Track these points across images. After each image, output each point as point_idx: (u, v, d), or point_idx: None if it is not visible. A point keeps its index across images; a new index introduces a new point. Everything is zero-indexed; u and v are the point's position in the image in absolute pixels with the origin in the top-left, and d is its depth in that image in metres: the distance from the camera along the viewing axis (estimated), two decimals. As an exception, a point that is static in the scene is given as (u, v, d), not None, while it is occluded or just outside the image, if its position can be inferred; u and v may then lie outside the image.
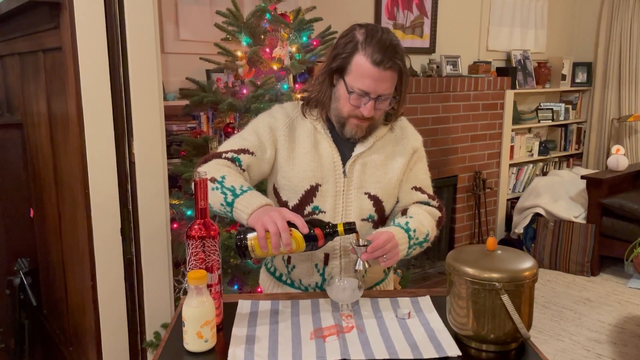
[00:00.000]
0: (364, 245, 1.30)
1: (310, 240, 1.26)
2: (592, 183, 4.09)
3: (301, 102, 1.49)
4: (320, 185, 1.44)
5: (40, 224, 2.77)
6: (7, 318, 2.79)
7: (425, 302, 1.36)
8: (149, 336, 2.17)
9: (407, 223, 1.41)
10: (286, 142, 1.45)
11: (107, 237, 2.05)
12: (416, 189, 1.52)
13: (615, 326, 3.30)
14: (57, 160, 2.34)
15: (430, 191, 1.56)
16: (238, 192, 1.31)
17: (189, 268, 1.19)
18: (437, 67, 3.99)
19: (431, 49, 4.05)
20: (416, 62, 3.92)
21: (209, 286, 1.18)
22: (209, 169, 1.36)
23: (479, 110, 4.12)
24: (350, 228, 1.28)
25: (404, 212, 1.49)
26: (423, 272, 3.97)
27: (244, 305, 1.33)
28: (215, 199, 1.33)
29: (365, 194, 1.46)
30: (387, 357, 1.10)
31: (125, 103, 2.01)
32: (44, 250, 2.76)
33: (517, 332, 1.11)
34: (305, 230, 1.24)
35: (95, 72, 1.94)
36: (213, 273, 1.19)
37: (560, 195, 4.33)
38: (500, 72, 4.37)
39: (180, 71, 2.81)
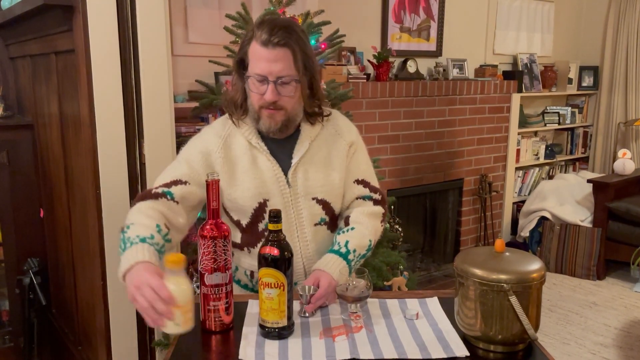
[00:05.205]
0: (307, 294, 1.29)
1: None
2: (598, 187, 4.09)
3: (228, 114, 1.46)
4: (268, 201, 1.42)
5: (50, 224, 2.80)
6: (17, 317, 2.82)
7: (433, 303, 1.37)
8: (158, 335, 2.19)
9: (347, 244, 1.41)
10: (224, 164, 1.42)
11: (117, 237, 2.06)
12: (358, 182, 1.52)
13: (622, 330, 3.30)
14: (67, 161, 2.37)
15: (374, 181, 1.55)
16: (127, 245, 1.23)
17: (201, 267, 1.21)
18: (444, 70, 4.00)
19: (438, 52, 4.07)
20: (423, 65, 3.93)
21: (221, 285, 1.20)
22: (132, 214, 1.34)
23: (485, 114, 4.13)
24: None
25: (347, 222, 1.47)
26: (429, 275, 3.97)
27: (254, 305, 1.35)
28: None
29: (313, 199, 1.45)
30: (396, 357, 1.12)
31: (136, 105, 2.04)
32: (54, 249, 2.78)
33: (525, 333, 1.12)
34: (165, 291, 1.06)
35: (107, 74, 1.97)
36: (224, 272, 1.21)
37: (567, 199, 4.33)
38: (507, 75, 4.38)
39: (189, 74, 2.83)
